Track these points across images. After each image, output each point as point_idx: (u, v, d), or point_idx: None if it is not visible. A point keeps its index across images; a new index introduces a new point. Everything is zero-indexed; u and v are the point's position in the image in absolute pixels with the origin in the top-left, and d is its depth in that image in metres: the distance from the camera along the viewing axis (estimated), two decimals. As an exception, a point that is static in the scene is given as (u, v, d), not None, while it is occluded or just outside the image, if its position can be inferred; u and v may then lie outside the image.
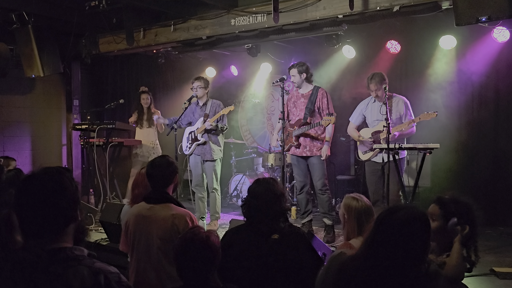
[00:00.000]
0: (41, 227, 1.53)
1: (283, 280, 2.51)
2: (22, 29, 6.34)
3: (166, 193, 3.10)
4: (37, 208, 1.53)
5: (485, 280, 4.03)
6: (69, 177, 1.62)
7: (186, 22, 6.26)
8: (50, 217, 1.54)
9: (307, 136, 5.43)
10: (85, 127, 6.61)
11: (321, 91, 5.46)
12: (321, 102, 5.42)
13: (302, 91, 5.53)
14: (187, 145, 6.06)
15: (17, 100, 7.32)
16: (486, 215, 6.10)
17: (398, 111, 5.18)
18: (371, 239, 1.84)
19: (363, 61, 7.22)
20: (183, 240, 2.26)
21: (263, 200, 2.62)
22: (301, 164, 5.56)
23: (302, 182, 5.60)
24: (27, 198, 1.55)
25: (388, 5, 4.63)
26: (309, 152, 5.42)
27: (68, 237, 1.58)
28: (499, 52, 5.92)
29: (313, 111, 5.43)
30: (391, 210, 1.86)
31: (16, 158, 7.10)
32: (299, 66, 5.43)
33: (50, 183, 1.56)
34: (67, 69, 7.49)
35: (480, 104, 6.25)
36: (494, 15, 3.84)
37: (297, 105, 5.55)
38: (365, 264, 1.80)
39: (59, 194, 1.56)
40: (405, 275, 1.75)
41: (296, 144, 5.48)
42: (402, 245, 1.75)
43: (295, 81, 5.48)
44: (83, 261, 1.53)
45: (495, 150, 6.11)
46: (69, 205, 1.58)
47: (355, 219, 2.78)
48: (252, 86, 8.92)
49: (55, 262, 1.50)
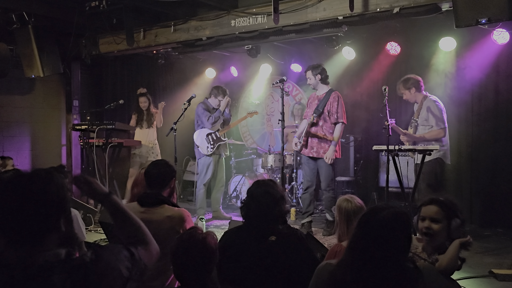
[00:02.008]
0: (18, 234, 1.45)
1: (280, 282, 2.51)
2: (22, 29, 6.34)
3: (160, 195, 3.02)
4: (14, 213, 1.44)
5: (484, 282, 4.03)
6: (58, 184, 1.51)
7: (186, 23, 6.26)
8: (26, 224, 1.44)
9: (315, 137, 5.50)
10: (84, 127, 6.60)
11: (334, 94, 5.53)
12: (331, 105, 5.48)
13: (318, 92, 5.67)
14: (208, 145, 6.33)
15: (17, 100, 7.31)
16: (485, 217, 6.12)
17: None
18: (354, 242, 1.85)
19: (363, 62, 7.23)
20: (180, 241, 2.25)
21: (262, 203, 2.61)
22: (310, 164, 5.64)
23: (308, 182, 5.66)
24: (5, 201, 1.46)
25: (388, 6, 4.63)
26: (316, 153, 5.50)
27: (49, 246, 1.47)
28: (498, 54, 5.93)
29: (321, 113, 5.50)
30: (371, 212, 1.87)
31: (15, 158, 7.10)
32: (313, 68, 5.55)
33: (31, 187, 1.46)
34: (67, 70, 7.48)
35: (480, 105, 6.25)
36: (494, 17, 3.85)
37: (311, 106, 5.67)
38: (352, 268, 1.80)
39: (39, 200, 1.45)
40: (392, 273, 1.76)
41: (303, 144, 5.60)
42: (385, 245, 1.77)
43: (310, 83, 5.64)
44: (55, 269, 1.42)
45: (494, 152, 6.10)
46: (49, 214, 1.47)
47: (345, 221, 2.77)
48: (252, 87, 8.92)
49: (28, 273, 1.40)
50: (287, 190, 6.92)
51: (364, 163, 7.43)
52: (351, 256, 1.84)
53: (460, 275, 3.82)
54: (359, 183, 7.41)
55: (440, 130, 5.20)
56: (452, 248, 2.29)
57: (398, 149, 4.73)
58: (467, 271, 4.20)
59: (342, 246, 2.63)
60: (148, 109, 7.17)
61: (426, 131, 5.28)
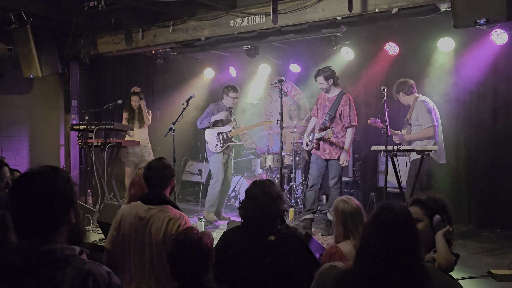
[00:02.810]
0: (31, 228, 1.52)
1: (279, 282, 2.51)
2: (21, 29, 6.33)
3: (164, 195, 3.08)
4: (27, 208, 1.52)
5: (482, 282, 4.03)
6: (65, 178, 1.59)
7: (185, 23, 6.26)
8: (40, 218, 1.52)
9: (326, 141, 5.54)
10: (83, 127, 6.59)
11: (345, 98, 5.58)
12: (343, 108, 5.54)
13: (329, 95, 5.70)
14: (217, 144, 6.34)
15: (15, 100, 7.30)
16: (484, 218, 6.13)
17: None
18: (360, 249, 1.84)
19: (362, 62, 7.23)
20: (176, 241, 2.26)
21: (260, 203, 2.62)
22: (319, 163, 5.72)
23: (315, 180, 5.73)
24: (18, 198, 1.54)
25: (386, 7, 4.63)
26: (329, 155, 5.62)
27: (61, 238, 1.56)
28: (497, 54, 5.93)
29: (334, 117, 5.57)
30: (374, 216, 1.86)
31: (14, 159, 7.10)
32: (324, 72, 5.57)
33: (41, 183, 1.54)
34: (65, 70, 7.48)
35: (478, 106, 6.26)
36: (492, 17, 3.85)
37: (322, 108, 5.73)
38: (362, 276, 1.78)
39: (50, 194, 1.53)
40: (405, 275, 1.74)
41: (316, 147, 5.71)
42: (392, 247, 1.75)
43: (323, 88, 5.67)
44: (73, 262, 1.51)
45: (493, 152, 6.11)
46: (60, 207, 1.55)
47: (342, 222, 2.75)
48: (251, 87, 8.92)
49: (44, 265, 1.48)
50: (286, 190, 6.92)
51: (362, 163, 7.44)
52: (360, 262, 1.81)
53: (458, 275, 3.83)
54: (358, 184, 7.42)
55: (429, 129, 5.24)
56: (439, 243, 2.30)
57: (397, 150, 4.74)
58: (465, 271, 4.21)
59: (338, 248, 2.63)
60: (139, 108, 7.17)
61: (417, 131, 5.34)
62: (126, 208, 3.17)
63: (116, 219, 3.13)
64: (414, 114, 5.40)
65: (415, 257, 1.80)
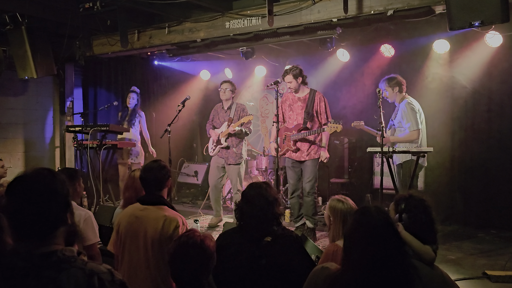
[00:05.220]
0: (29, 229, 1.52)
1: (275, 282, 2.51)
2: (16, 31, 6.30)
3: (161, 196, 3.10)
4: (25, 209, 1.51)
5: (477, 283, 4.05)
6: (61, 180, 1.60)
7: (181, 25, 6.25)
8: (38, 219, 1.52)
9: (306, 141, 5.45)
10: (78, 129, 6.57)
11: (318, 95, 5.49)
12: (319, 106, 5.45)
13: (299, 94, 5.55)
14: (211, 147, 6.27)
15: (10, 101, 7.27)
16: (479, 219, 6.15)
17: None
18: (346, 252, 1.85)
19: (357, 64, 7.25)
20: (178, 244, 2.25)
21: (256, 205, 2.61)
22: (295, 168, 5.57)
23: (294, 186, 5.60)
24: (14, 200, 1.53)
25: (382, 9, 4.65)
26: (307, 156, 5.45)
27: (59, 239, 1.56)
28: (491, 56, 5.97)
29: (312, 116, 5.44)
30: (352, 224, 1.88)
31: (9, 160, 7.07)
32: (292, 70, 5.44)
33: (39, 184, 1.54)
34: (60, 71, 7.45)
35: (473, 108, 6.28)
36: (487, 20, 3.88)
37: (294, 108, 5.56)
38: (351, 277, 1.79)
39: (48, 196, 1.54)
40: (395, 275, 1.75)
41: (294, 149, 5.51)
42: (377, 251, 1.77)
43: (291, 87, 5.49)
44: (75, 262, 1.51)
45: (488, 154, 6.13)
46: (59, 208, 1.56)
47: (341, 221, 2.79)
48: (247, 89, 8.92)
49: (47, 266, 1.48)
50: (282, 192, 6.91)
51: (358, 165, 7.45)
52: (348, 264, 1.82)
53: (453, 276, 3.84)
54: (353, 185, 7.43)
55: (413, 132, 5.21)
56: (406, 238, 2.33)
57: (392, 151, 4.74)
58: (460, 272, 4.22)
59: (338, 246, 2.63)
60: (134, 109, 7.16)
61: (401, 133, 5.33)
62: (124, 211, 3.21)
63: (116, 222, 3.17)
64: (398, 116, 5.34)
65: (401, 255, 1.81)
